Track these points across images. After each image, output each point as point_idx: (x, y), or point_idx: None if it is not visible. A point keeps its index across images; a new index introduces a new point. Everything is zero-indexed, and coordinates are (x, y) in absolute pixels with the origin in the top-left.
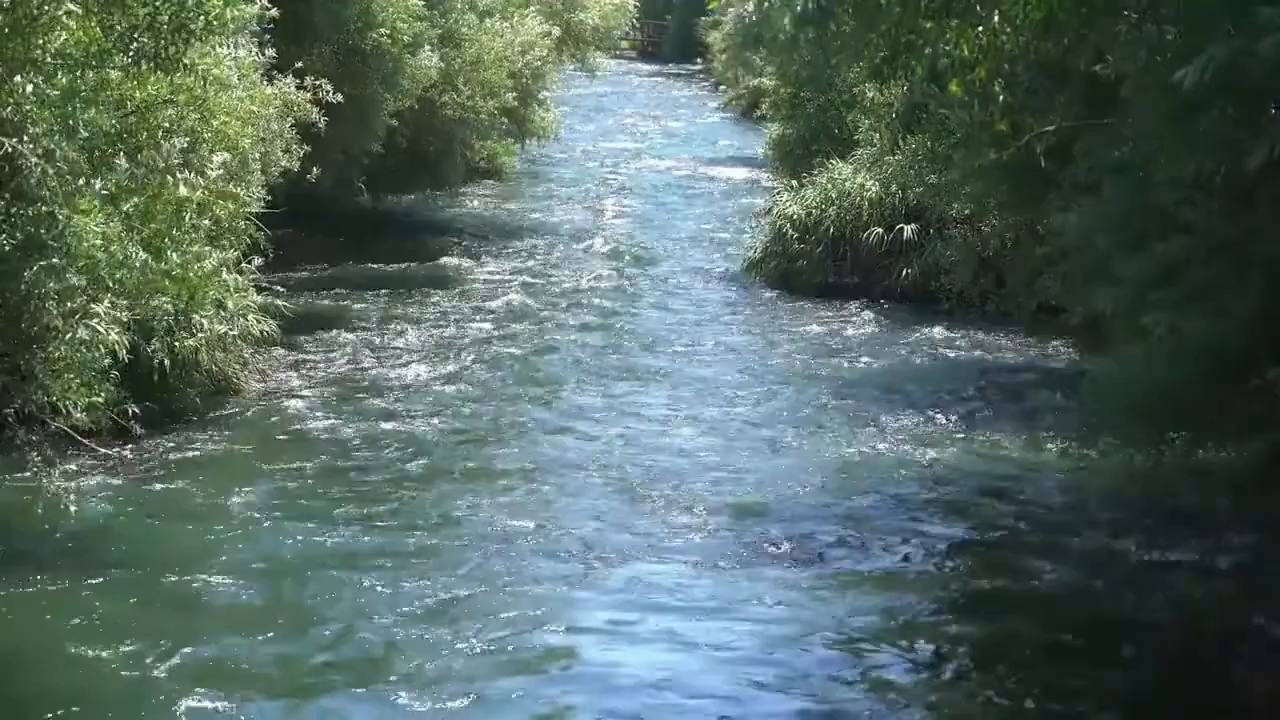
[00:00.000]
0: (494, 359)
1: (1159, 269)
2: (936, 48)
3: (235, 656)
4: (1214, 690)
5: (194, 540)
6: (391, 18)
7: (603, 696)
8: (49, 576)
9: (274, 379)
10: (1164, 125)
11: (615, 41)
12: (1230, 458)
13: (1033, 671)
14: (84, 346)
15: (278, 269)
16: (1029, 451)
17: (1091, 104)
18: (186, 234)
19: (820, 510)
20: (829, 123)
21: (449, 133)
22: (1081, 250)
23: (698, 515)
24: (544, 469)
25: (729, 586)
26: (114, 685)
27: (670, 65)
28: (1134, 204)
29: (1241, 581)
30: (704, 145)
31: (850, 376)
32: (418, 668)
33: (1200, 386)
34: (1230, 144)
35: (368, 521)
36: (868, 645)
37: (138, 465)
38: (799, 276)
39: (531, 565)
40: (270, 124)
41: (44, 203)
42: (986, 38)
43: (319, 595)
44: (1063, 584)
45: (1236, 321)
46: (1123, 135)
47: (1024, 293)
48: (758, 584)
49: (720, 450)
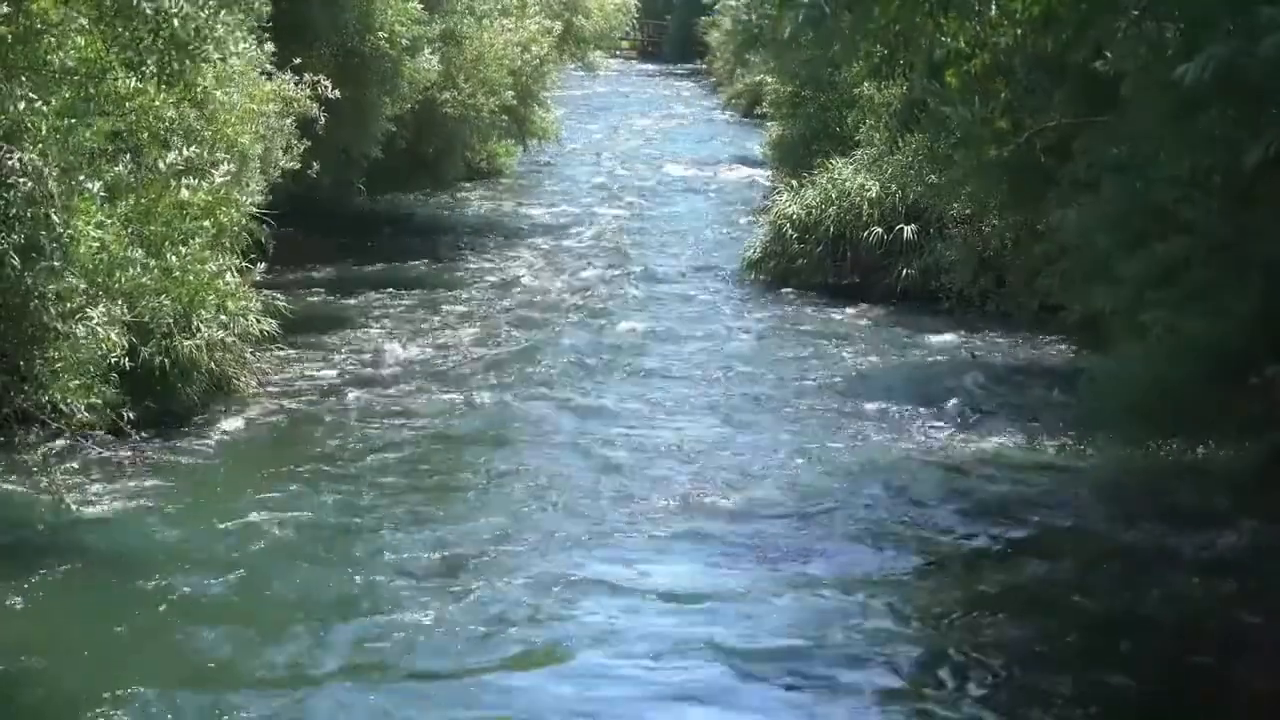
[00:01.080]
0: (494, 358)
1: (1158, 268)
2: (933, 40)
3: (235, 655)
4: (1214, 690)
5: (193, 540)
6: (390, 21)
7: (601, 696)
8: (48, 576)
9: (274, 379)
10: (1163, 123)
11: (615, 41)
12: (1230, 457)
13: (1031, 671)
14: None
15: (278, 269)
16: (1028, 450)
17: (1090, 101)
18: (188, 236)
19: (818, 510)
20: (829, 122)
21: (449, 132)
22: (1081, 249)
23: (696, 514)
24: (543, 467)
25: (726, 585)
26: (113, 685)
27: (670, 65)
28: (1133, 203)
29: (1241, 581)
30: (704, 145)
31: (849, 376)
32: (417, 667)
33: (1199, 385)
34: (1229, 143)
35: (367, 520)
36: (865, 644)
37: (137, 465)
38: (798, 276)
39: (530, 564)
40: (270, 121)
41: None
42: (983, 30)
43: (319, 594)
44: (1061, 583)
45: (1236, 320)
46: (1122, 133)
47: (1024, 292)
48: (755, 582)
49: (718, 449)
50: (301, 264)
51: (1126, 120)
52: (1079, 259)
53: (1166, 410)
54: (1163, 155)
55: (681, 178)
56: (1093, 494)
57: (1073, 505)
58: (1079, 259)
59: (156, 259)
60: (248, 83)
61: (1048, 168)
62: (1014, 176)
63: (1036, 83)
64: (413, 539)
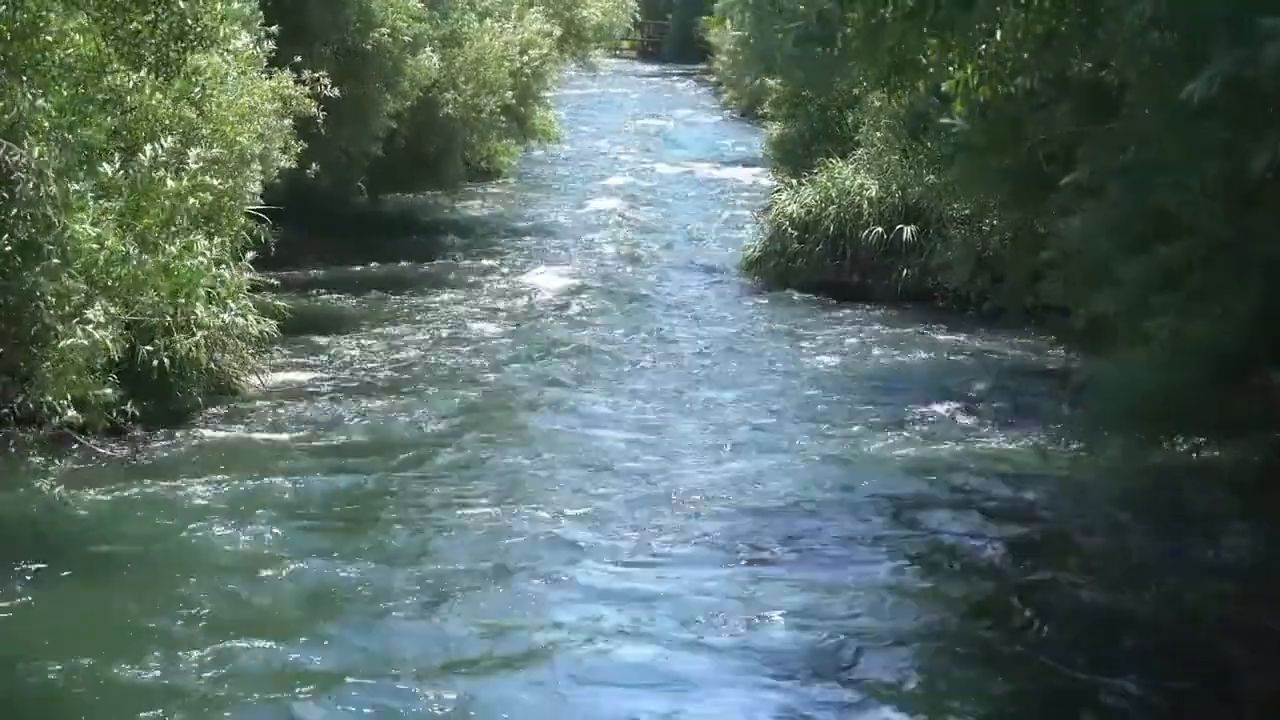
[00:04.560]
0: (493, 358)
1: (1161, 271)
2: (939, 69)
3: (234, 655)
4: (1214, 690)
5: (193, 539)
6: (391, 17)
7: (598, 695)
8: (47, 576)
9: (274, 378)
10: (1167, 130)
11: (616, 41)
12: (1231, 458)
13: (1031, 671)
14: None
15: (278, 268)
16: (1028, 451)
17: (1094, 111)
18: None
19: (817, 509)
20: (829, 123)
21: (449, 132)
22: (1082, 252)
23: (694, 514)
24: (543, 467)
25: (724, 585)
26: (113, 685)
27: (671, 65)
28: (1136, 207)
29: (1245, 582)
30: (704, 145)
31: (848, 375)
32: (415, 666)
33: (1202, 387)
34: (1233, 148)
35: (367, 520)
36: (865, 645)
37: (136, 464)
38: (798, 275)
39: (529, 564)
40: (268, 120)
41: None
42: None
43: (319, 594)
44: (1062, 584)
45: (1238, 323)
46: (1125, 139)
47: (1024, 292)
48: (753, 583)
49: (717, 449)
50: (301, 264)
51: (1130, 127)
52: (1081, 262)
53: (1169, 412)
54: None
55: (682, 177)
56: (1095, 495)
57: (1075, 506)
58: (1081, 262)
59: (150, 252)
60: (246, 80)
61: (1050, 175)
62: (1015, 181)
63: (1041, 96)
64: (413, 537)
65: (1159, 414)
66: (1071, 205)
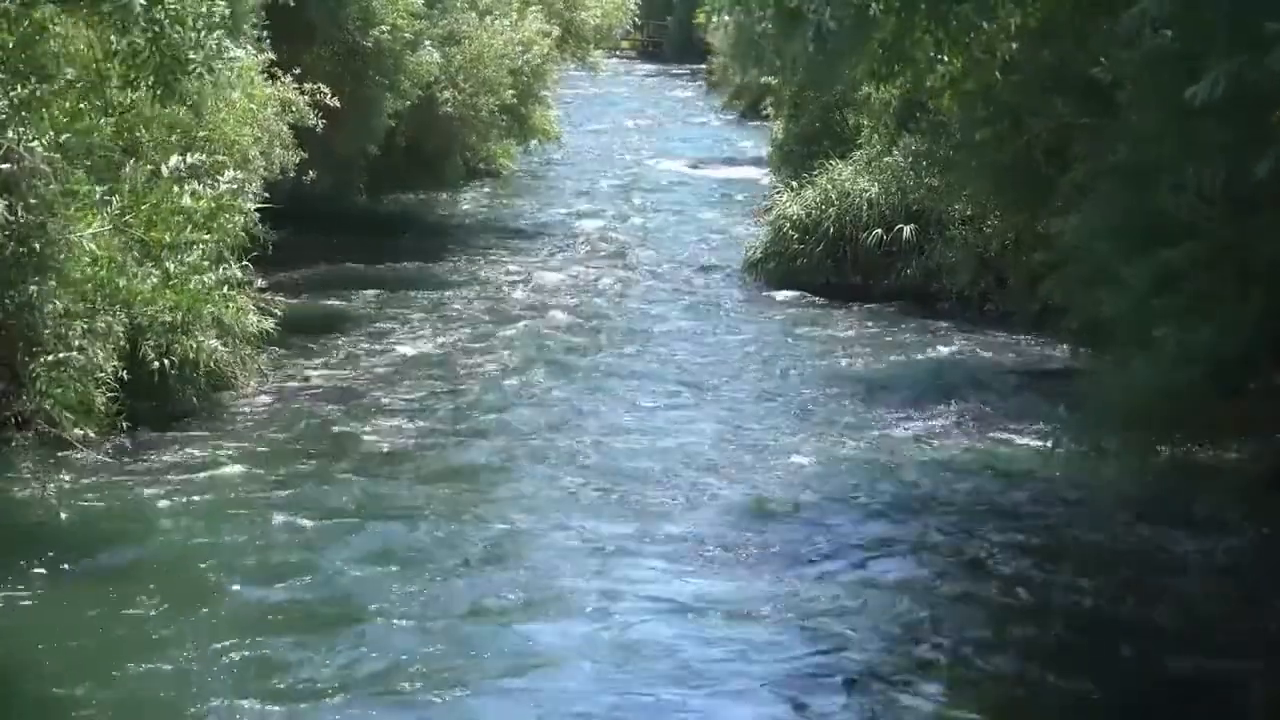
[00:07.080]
0: (493, 358)
1: (1161, 274)
2: (929, 62)
3: (234, 656)
4: (1214, 691)
5: (192, 540)
6: (392, 16)
7: (597, 696)
8: (46, 578)
9: (273, 379)
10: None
11: (616, 41)
12: (1232, 459)
13: (1032, 673)
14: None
15: (278, 269)
16: (1028, 452)
17: (1089, 105)
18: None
19: (817, 510)
20: (830, 123)
21: (449, 132)
22: (1082, 254)
23: (695, 514)
24: (543, 467)
25: (723, 585)
26: (112, 686)
27: (671, 65)
28: (1135, 208)
29: (1247, 584)
30: (704, 145)
31: (849, 376)
32: (415, 666)
33: (1203, 390)
34: (1234, 150)
35: (367, 520)
36: (865, 645)
37: (136, 465)
38: (799, 276)
39: (530, 563)
40: (269, 124)
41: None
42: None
43: (319, 594)
44: (1063, 585)
45: (1238, 325)
46: (1122, 137)
47: (1025, 293)
48: (752, 583)
49: (718, 449)
50: (301, 264)
51: (1126, 125)
52: (1080, 264)
53: (1169, 415)
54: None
55: (682, 177)
56: (1097, 497)
57: (1076, 508)
58: (1080, 264)
59: (156, 265)
60: (246, 84)
61: (1048, 172)
62: (1014, 178)
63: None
64: (412, 537)
65: (1159, 414)
66: (1070, 205)
